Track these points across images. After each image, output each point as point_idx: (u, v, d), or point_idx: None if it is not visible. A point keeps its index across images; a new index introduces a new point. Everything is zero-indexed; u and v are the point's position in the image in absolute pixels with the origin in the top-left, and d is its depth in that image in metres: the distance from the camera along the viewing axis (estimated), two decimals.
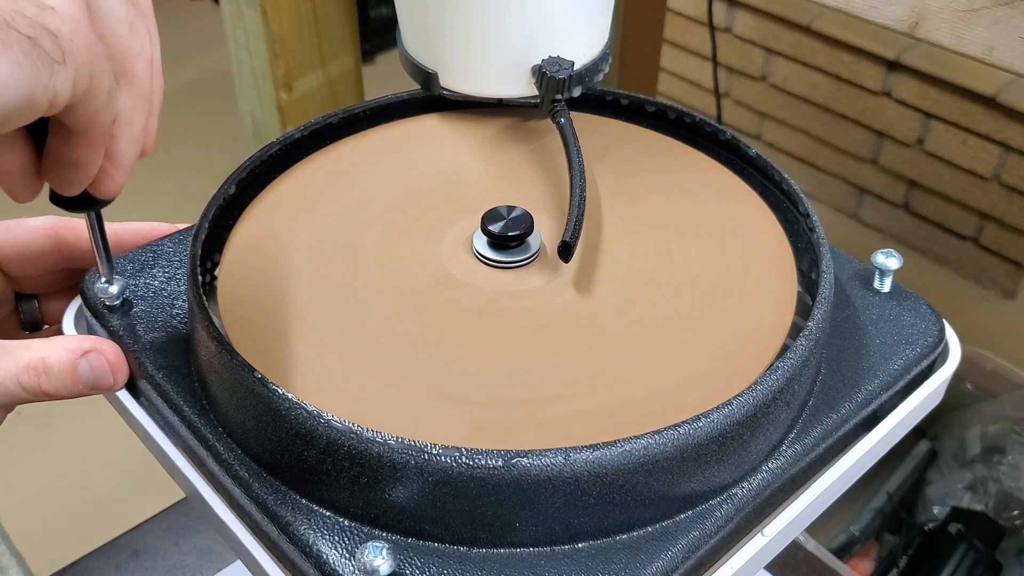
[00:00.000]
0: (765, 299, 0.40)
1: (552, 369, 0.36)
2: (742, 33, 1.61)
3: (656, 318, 0.38)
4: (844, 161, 1.59)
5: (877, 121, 1.50)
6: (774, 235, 0.43)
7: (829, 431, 0.37)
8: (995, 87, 1.34)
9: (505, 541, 0.32)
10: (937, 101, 1.41)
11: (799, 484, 0.37)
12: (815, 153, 1.62)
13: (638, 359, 0.36)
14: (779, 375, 0.34)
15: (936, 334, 0.41)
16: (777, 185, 0.45)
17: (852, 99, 1.52)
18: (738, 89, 1.68)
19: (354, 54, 0.75)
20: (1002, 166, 1.39)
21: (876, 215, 1.58)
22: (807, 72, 1.55)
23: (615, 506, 0.32)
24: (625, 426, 0.33)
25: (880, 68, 1.46)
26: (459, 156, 0.48)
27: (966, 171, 1.43)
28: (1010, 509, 0.95)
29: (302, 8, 0.69)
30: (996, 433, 1.00)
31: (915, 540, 0.95)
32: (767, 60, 1.60)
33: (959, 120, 1.40)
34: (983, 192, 1.43)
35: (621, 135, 0.50)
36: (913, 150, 1.48)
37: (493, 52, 0.46)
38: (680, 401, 0.35)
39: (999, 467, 0.97)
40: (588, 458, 0.31)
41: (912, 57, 1.41)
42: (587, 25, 0.47)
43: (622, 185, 0.46)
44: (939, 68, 1.38)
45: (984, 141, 1.39)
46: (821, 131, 1.59)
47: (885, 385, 0.39)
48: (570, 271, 0.40)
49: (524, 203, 0.42)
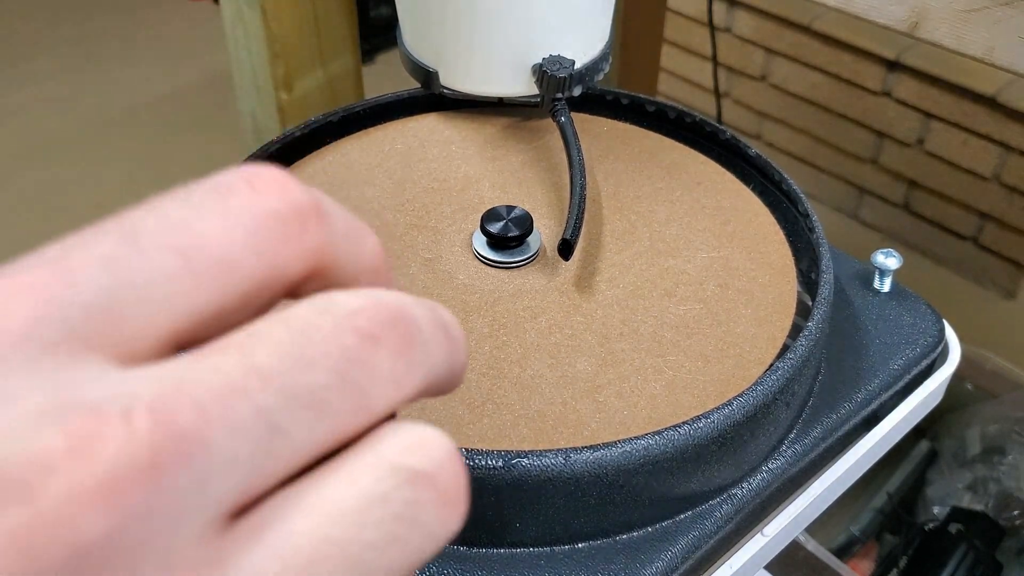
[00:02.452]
0: (765, 299, 0.39)
1: (552, 369, 0.36)
2: (742, 33, 1.61)
3: (656, 318, 0.38)
4: (844, 161, 1.59)
5: (877, 121, 1.50)
6: (774, 235, 0.43)
7: (829, 431, 0.37)
8: (995, 87, 1.34)
9: (505, 541, 0.32)
10: (937, 101, 1.41)
11: (799, 484, 0.37)
12: (815, 153, 1.62)
13: (638, 359, 0.36)
14: (779, 375, 0.34)
15: (936, 334, 0.41)
16: (777, 185, 0.45)
17: (852, 99, 1.51)
18: (738, 89, 1.68)
19: (354, 54, 0.75)
20: (1002, 166, 1.39)
21: (876, 215, 1.58)
22: (807, 72, 1.55)
23: (615, 506, 0.32)
24: (625, 426, 0.33)
25: (880, 68, 1.46)
26: (459, 156, 0.48)
27: (966, 171, 1.43)
28: (1010, 509, 0.94)
29: (302, 8, 0.69)
30: (996, 433, 1.00)
31: (915, 540, 0.95)
32: (767, 60, 1.60)
33: (959, 120, 1.40)
34: (983, 192, 1.43)
35: (621, 135, 0.50)
36: (913, 150, 1.48)
37: (494, 51, 0.46)
38: (680, 401, 0.35)
39: (999, 467, 0.97)
40: (588, 459, 0.31)
41: (912, 57, 1.41)
42: (587, 24, 0.47)
43: (622, 185, 0.46)
44: (939, 68, 1.38)
45: (984, 141, 1.39)
46: (821, 131, 1.59)
47: (885, 385, 0.39)
48: (570, 271, 0.40)
49: (524, 203, 0.42)
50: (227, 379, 0.12)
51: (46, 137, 1.75)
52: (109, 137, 1.75)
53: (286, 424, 0.13)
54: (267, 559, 0.13)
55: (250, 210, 0.14)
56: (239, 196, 0.14)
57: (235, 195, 0.14)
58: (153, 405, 0.12)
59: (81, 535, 0.11)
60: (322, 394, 0.13)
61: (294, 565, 0.13)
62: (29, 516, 0.11)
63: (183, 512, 0.12)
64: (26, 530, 0.11)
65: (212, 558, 0.12)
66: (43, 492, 0.11)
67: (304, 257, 0.15)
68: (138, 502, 0.11)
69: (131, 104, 1.85)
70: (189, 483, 0.12)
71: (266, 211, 0.14)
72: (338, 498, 0.13)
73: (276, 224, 0.14)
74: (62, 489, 0.11)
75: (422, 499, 0.14)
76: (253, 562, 0.13)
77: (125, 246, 0.13)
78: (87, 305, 0.13)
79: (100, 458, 0.11)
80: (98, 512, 0.11)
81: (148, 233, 0.14)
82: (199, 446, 0.12)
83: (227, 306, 0.14)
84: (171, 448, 0.12)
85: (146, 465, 0.11)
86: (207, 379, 0.12)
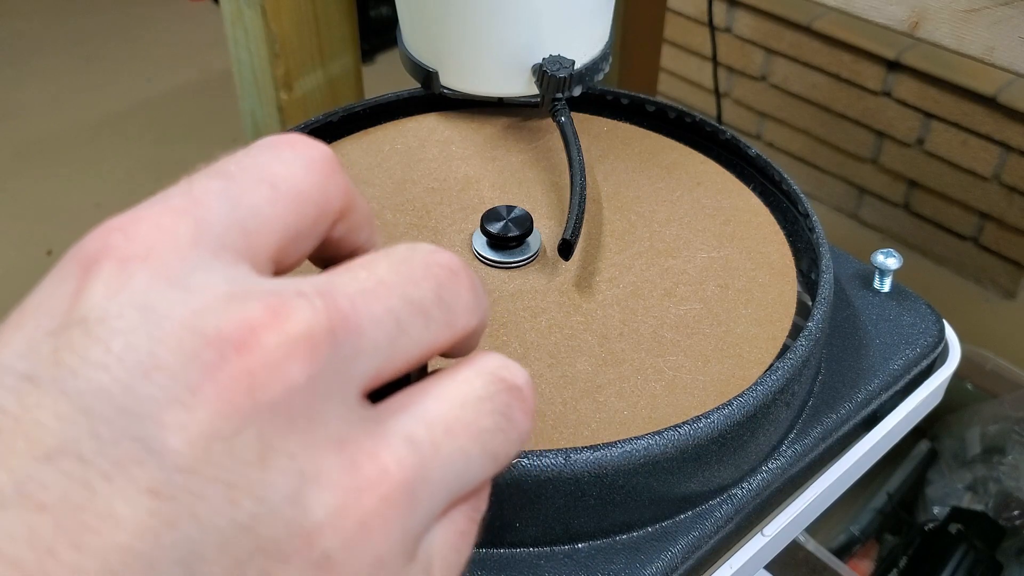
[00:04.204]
0: (765, 299, 0.39)
1: (552, 369, 0.36)
2: (742, 33, 1.61)
3: (656, 318, 0.38)
4: (844, 161, 1.59)
5: (877, 121, 1.50)
6: (774, 235, 0.43)
7: (829, 431, 0.37)
8: (995, 87, 1.34)
9: (505, 541, 0.32)
10: (937, 101, 1.41)
11: (799, 484, 0.37)
12: (815, 153, 1.62)
13: (638, 359, 0.36)
14: (779, 376, 0.34)
15: (936, 334, 0.41)
16: (777, 185, 0.45)
17: (852, 99, 1.51)
18: (738, 89, 1.68)
19: (354, 54, 0.75)
20: (1002, 166, 1.39)
21: (876, 215, 1.58)
22: (807, 72, 1.55)
23: (615, 506, 0.32)
24: (625, 426, 0.33)
25: (880, 68, 1.46)
26: (459, 156, 0.48)
27: (966, 171, 1.43)
28: (1010, 509, 0.94)
29: (302, 8, 0.69)
30: (996, 433, 1.00)
31: (915, 540, 0.95)
32: (767, 60, 1.60)
33: (959, 120, 1.40)
34: (983, 192, 1.43)
35: (621, 135, 0.50)
36: (913, 150, 1.48)
37: (494, 51, 0.46)
38: (680, 402, 0.35)
39: (999, 467, 0.97)
40: (588, 459, 0.31)
41: (912, 57, 1.41)
42: (588, 24, 0.47)
43: (622, 185, 0.46)
44: (939, 68, 1.38)
45: (984, 141, 1.39)
46: (821, 131, 1.59)
47: (885, 385, 0.39)
48: (570, 271, 0.40)
49: (524, 203, 0.42)
50: (364, 285, 0.16)
51: (46, 137, 1.75)
52: (109, 137, 1.75)
53: (406, 324, 0.16)
54: (415, 423, 0.16)
55: (301, 158, 0.18)
56: (288, 149, 0.18)
57: (284, 149, 0.18)
58: (321, 292, 0.15)
59: (290, 377, 0.14)
60: (427, 305, 0.17)
61: (436, 431, 0.16)
62: (250, 362, 0.14)
63: (350, 375, 0.15)
64: (248, 373, 0.14)
65: (372, 416, 0.16)
66: (258, 345, 0.14)
67: (342, 193, 0.18)
68: (327, 356, 0.15)
69: (131, 104, 1.85)
70: (353, 353, 0.15)
71: (311, 157, 0.18)
72: (461, 391, 0.17)
73: (321, 166, 0.18)
74: (272, 341, 0.14)
75: (514, 403, 0.18)
76: (403, 423, 0.16)
77: (229, 182, 0.17)
78: (224, 224, 0.16)
79: (296, 320, 0.15)
80: (302, 360, 0.15)
81: (239, 174, 0.17)
82: (357, 326, 0.15)
83: (302, 230, 0.18)
84: (341, 322, 0.15)
85: (328, 330, 0.15)
86: (349, 283, 0.16)
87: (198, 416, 0.14)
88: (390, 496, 0.15)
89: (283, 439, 0.14)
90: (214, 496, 0.14)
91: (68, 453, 0.13)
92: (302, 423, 0.15)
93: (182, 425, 0.14)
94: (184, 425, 0.14)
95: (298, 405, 0.15)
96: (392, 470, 0.15)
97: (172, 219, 0.16)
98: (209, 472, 0.14)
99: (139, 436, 0.14)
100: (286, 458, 0.14)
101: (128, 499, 0.13)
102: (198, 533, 0.13)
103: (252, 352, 0.14)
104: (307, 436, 0.15)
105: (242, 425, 0.14)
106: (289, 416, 0.15)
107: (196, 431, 0.14)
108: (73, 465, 0.13)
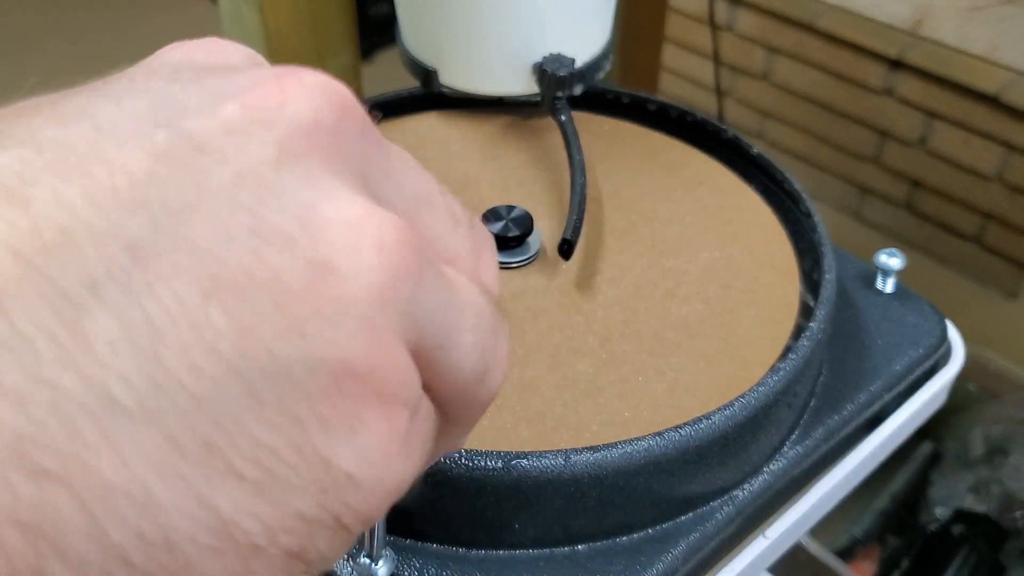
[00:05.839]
0: (767, 299, 0.39)
1: (552, 370, 0.36)
2: (744, 31, 1.61)
3: (657, 318, 0.38)
4: (846, 160, 1.58)
5: (879, 120, 1.50)
6: (776, 235, 0.43)
7: (831, 432, 0.37)
8: (998, 86, 1.33)
9: (504, 542, 0.32)
10: (940, 100, 1.41)
11: (801, 486, 0.37)
12: (817, 152, 1.62)
13: (639, 360, 0.36)
14: (781, 376, 0.33)
15: (939, 335, 0.41)
16: (779, 184, 0.45)
17: (854, 98, 1.51)
18: (740, 88, 1.68)
19: (353, 51, 0.74)
20: (1005, 165, 1.38)
21: (878, 214, 1.58)
22: (809, 70, 1.55)
23: (615, 508, 0.31)
24: (626, 428, 0.33)
25: (882, 66, 1.45)
26: (459, 155, 0.47)
27: (969, 170, 1.43)
28: (1013, 511, 0.94)
29: (300, 6, 0.68)
30: (999, 434, 1.00)
31: (918, 542, 0.95)
32: (769, 58, 1.60)
33: (962, 119, 1.40)
34: (986, 192, 1.42)
35: (622, 134, 0.49)
36: (915, 149, 1.48)
37: (494, 49, 0.46)
38: (681, 402, 0.34)
39: (1002, 468, 0.97)
40: (589, 460, 0.30)
41: (915, 55, 1.41)
42: (588, 22, 0.47)
43: (623, 184, 0.46)
44: (942, 67, 1.38)
45: (987, 140, 1.38)
46: (823, 130, 1.59)
47: (888, 386, 0.39)
48: (570, 271, 0.40)
49: (524, 203, 0.42)
50: (421, 196, 0.18)
51: None
52: None
53: (449, 230, 0.19)
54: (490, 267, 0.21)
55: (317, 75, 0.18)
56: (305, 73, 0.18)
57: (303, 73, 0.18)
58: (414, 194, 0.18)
59: (321, 116, 0.16)
60: (452, 223, 0.19)
61: None
62: (287, 87, 0.16)
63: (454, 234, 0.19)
64: (282, 92, 0.16)
65: (470, 247, 0.20)
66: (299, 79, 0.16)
67: None
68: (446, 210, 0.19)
69: None
70: None
71: None
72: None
73: None
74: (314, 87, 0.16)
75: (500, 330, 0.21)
76: (485, 259, 0.20)
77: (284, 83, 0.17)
78: None
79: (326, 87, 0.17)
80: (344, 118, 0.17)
81: (291, 74, 0.17)
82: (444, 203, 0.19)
83: None
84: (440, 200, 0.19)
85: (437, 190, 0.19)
86: (410, 191, 0.18)
87: (228, 111, 0.15)
88: (411, 241, 0.15)
89: (307, 159, 0.15)
90: (221, 176, 0.14)
91: (87, 119, 0.14)
92: (337, 160, 0.15)
93: (212, 114, 0.14)
94: (214, 114, 0.14)
95: (330, 145, 0.15)
96: (412, 232, 0.16)
97: (298, 98, 0.17)
98: (221, 153, 0.14)
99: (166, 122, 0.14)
100: (303, 170, 0.15)
101: (131, 155, 0.13)
102: (195, 193, 0.14)
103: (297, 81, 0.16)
104: (338, 170, 0.15)
105: (267, 135, 0.15)
106: (322, 147, 0.15)
107: (219, 125, 0.14)
108: (88, 128, 0.14)
